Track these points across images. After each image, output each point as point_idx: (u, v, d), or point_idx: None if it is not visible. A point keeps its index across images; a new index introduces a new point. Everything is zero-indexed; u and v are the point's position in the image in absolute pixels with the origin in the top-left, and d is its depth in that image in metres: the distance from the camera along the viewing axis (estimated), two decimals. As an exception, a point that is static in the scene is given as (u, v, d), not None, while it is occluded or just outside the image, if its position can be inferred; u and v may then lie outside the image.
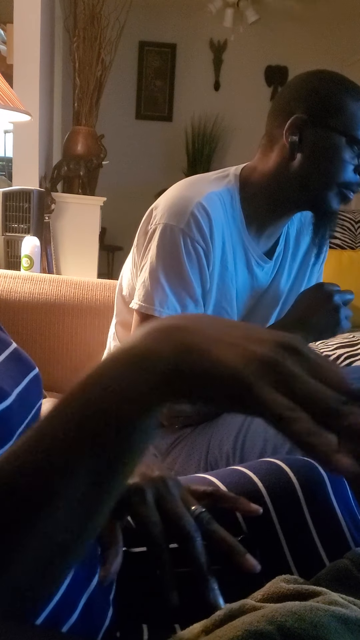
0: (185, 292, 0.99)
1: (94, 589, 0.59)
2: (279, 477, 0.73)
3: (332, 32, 4.70)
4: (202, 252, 0.98)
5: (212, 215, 0.99)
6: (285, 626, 0.45)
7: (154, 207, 1.04)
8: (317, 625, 0.45)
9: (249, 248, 1.06)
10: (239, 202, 1.05)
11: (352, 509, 0.71)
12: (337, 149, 0.98)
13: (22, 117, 1.83)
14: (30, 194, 2.51)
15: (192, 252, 0.97)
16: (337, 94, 0.99)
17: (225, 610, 0.52)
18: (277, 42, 4.75)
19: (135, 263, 1.09)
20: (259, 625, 0.45)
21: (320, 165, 0.99)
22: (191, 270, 0.98)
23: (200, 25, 4.72)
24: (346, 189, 1.01)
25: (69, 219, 3.14)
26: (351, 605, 0.51)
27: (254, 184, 1.05)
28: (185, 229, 0.97)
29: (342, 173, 0.99)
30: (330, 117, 0.97)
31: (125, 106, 4.90)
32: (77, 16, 3.23)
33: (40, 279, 1.55)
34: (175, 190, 1.04)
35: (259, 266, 1.09)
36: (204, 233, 0.97)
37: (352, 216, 2.73)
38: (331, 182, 0.99)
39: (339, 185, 1.00)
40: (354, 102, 0.98)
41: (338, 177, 0.99)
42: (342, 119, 0.97)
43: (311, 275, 1.20)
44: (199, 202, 0.98)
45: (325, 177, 0.99)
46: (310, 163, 0.99)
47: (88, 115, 3.29)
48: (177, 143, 4.85)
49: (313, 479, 0.71)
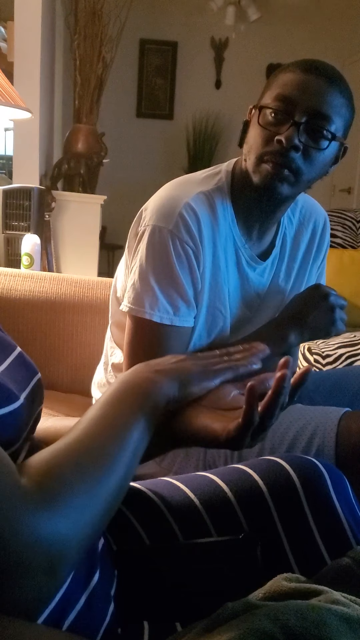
0: (177, 293, 0.98)
1: (94, 586, 0.59)
2: (280, 475, 0.73)
3: (333, 30, 4.70)
4: (192, 252, 0.97)
5: (200, 215, 0.98)
6: (287, 625, 0.45)
7: (144, 208, 1.03)
8: (320, 624, 0.45)
9: (239, 247, 1.05)
10: (229, 199, 1.04)
11: (353, 506, 0.71)
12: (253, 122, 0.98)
13: (23, 114, 1.83)
14: (31, 192, 2.51)
15: (181, 253, 0.97)
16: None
17: (226, 609, 0.51)
18: (278, 41, 4.75)
19: (127, 264, 1.09)
20: (261, 624, 0.45)
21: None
22: (181, 272, 0.97)
23: (201, 23, 4.71)
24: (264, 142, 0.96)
25: (69, 217, 3.14)
26: (353, 604, 0.51)
27: (243, 175, 1.03)
28: (174, 230, 0.96)
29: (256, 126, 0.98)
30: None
31: (126, 104, 4.89)
32: (78, 14, 3.23)
33: (40, 277, 1.55)
34: (163, 191, 1.03)
35: (250, 267, 1.08)
36: (192, 234, 0.97)
37: (353, 215, 2.72)
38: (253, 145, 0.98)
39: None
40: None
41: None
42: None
43: (311, 274, 1.19)
44: (186, 202, 0.97)
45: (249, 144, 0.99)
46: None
47: (89, 113, 3.29)
48: (178, 141, 4.84)
49: (314, 476, 0.71)
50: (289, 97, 0.92)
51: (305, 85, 0.92)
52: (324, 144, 0.94)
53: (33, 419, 0.60)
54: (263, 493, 0.70)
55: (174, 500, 0.72)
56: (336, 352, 1.98)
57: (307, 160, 0.94)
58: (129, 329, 1.02)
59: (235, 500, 0.71)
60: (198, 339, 1.06)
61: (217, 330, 1.07)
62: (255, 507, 0.70)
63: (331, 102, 0.92)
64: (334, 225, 2.64)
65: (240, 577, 0.64)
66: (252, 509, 0.70)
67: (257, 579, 0.63)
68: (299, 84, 0.92)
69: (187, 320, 1.01)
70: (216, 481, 0.73)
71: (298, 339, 1.06)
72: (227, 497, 0.71)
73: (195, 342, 1.05)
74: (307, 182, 0.99)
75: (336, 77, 0.95)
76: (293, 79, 0.93)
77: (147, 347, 1.00)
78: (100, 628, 0.58)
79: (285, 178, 0.95)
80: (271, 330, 1.07)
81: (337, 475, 0.73)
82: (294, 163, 0.93)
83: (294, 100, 0.92)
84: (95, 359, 1.27)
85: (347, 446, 0.98)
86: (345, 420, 1.01)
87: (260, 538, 0.67)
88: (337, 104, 0.93)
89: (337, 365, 1.94)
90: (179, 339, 1.01)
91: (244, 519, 0.70)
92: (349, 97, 0.96)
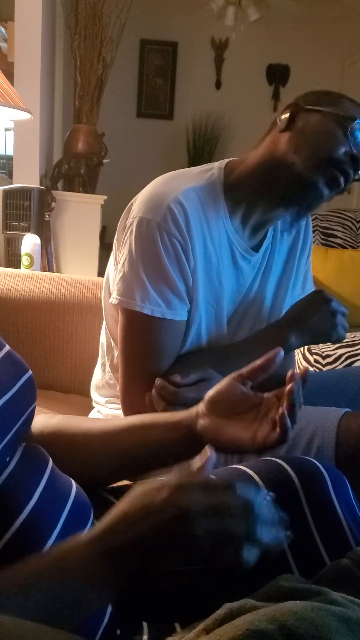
0: (167, 286, 0.98)
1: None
2: (280, 475, 0.73)
3: (333, 31, 4.69)
4: (180, 246, 0.97)
5: (189, 210, 0.98)
6: (286, 625, 0.45)
7: (133, 201, 1.04)
8: (319, 625, 0.45)
9: (232, 241, 1.06)
10: (222, 194, 1.04)
11: (353, 507, 0.71)
12: (328, 126, 0.98)
13: (23, 115, 1.83)
14: (31, 192, 2.50)
15: (169, 246, 0.97)
16: (334, 93, 1.02)
17: (225, 610, 0.51)
18: (278, 41, 4.74)
19: (115, 257, 1.09)
20: (260, 624, 0.45)
21: (309, 139, 0.98)
22: (170, 265, 0.97)
23: (201, 24, 4.70)
24: (335, 169, 0.97)
25: (69, 217, 3.13)
26: (352, 605, 0.51)
27: (240, 173, 1.04)
28: (162, 222, 0.97)
29: (332, 149, 0.96)
30: (325, 105, 0.99)
31: (126, 104, 4.89)
32: (79, 14, 3.23)
33: (40, 277, 1.55)
34: (153, 185, 1.04)
35: (245, 259, 1.08)
36: (180, 227, 0.97)
37: (353, 215, 2.72)
38: (319, 156, 0.97)
39: (328, 163, 0.97)
40: (349, 101, 1.01)
41: (327, 152, 0.97)
42: (337, 108, 0.99)
43: (298, 270, 1.20)
44: (175, 197, 0.98)
45: (314, 151, 0.97)
46: (300, 137, 0.98)
47: (89, 113, 3.29)
48: (178, 141, 4.84)
49: (314, 477, 0.71)
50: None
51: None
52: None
53: (22, 420, 0.60)
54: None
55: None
56: (336, 352, 1.98)
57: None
58: (122, 324, 1.02)
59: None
60: (196, 336, 1.06)
61: (215, 326, 1.07)
62: None
63: None
64: (334, 226, 2.64)
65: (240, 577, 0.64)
66: None
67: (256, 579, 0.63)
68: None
69: (179, 314, 1.00)
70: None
71: (298, 341, 1.06)
72: (227, 497, 0.71)
73: (193, 340, 1.05)
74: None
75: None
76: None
77: (140, 341, 1.00)
78: (99, 630, 0.58)
79: (336, 189, 0.99)
80: (272, 332, 1.07)
81: (338, 476, 0.73)
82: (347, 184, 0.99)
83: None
84: (95, 359, 1.27)
85: (347, 447, 0.97)
86: (345, 421, 1.01)
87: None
88: None
89: (337, 366, 1.94)
90: (173, 333, 1.01)
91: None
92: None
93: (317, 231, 2.60)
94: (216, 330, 1.08)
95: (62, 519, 0.59)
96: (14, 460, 0.57)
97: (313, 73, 4.56)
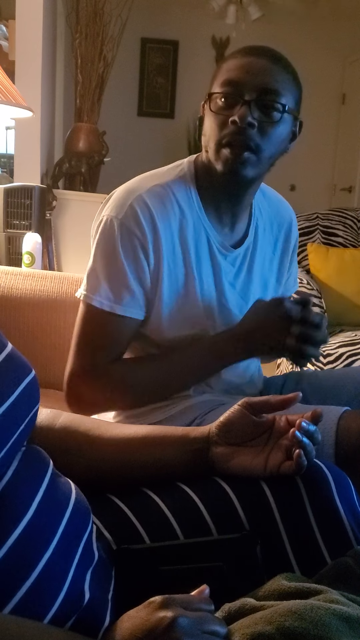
0: (120, 282, 0.99)
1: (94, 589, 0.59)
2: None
3: (334, 30, 4.69)
4: (139, 244, 0.99)
5: (155, 208, 0.99)
6: (284, 625, 0.45)
7: (106, 199, 1.06)
8: (318, 624, 0.45)
9: (209, 234, 1.06)
10: (194, 189, 1.05)
11: (354, 507, 0.71)
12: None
13: (24, 113, 1.83)
14: (32, 191, 2.50)
15: (127, 244, 0.99)
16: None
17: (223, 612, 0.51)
18: (279, 40, 4.71)
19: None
20: (257, 627, 0.45)
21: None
22: (126, 262, 0.99)
23: (202, 22, 4.70)
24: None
25: (70, 215, 3.14)
26: (352, 604, 0.51)
27: (203, 163, 1.04)
28: (123, 219, 0.99)
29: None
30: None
31: (127, 103, 4.89)
32: (80, 12, 3.23)
33: (41, 276, 1.55)
34: (125, 184, 1.06)
35: (222, 254, 1.08)
36: (141, 226, 0.98)
37: (354, 214, 2.72)
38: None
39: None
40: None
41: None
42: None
43: (281, 271, 1.20)
44: (139, 195, 1.00)
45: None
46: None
47: (90, 111, 3.29)
48: (179, 140, 4.83)
49: (316, 476, 0.71)
50: (235, 80, 0.96)
51: (250, 66, 0.97)
52: (277, 117, 0.97)
53: (22, 427, 0.58)
54: (264, 492, 0.71)
55: (175, 499, 0.72)
56: (337, 352, 1.98)
57: (264, 136, 0.97)
58: (78, 315, 1.05)
59: (236, 499, 0.71)
60: (177, 329, 1.05)
61: (195, 320, 1.06)
62: (257, 505, 0.70)
63: (277, 77, 0.97)
64: (336, 225, 2.64)
65: (240, 575, 0.64)
66: (253, 508, 0.70)
67: (256, 577, 0.63)
68: (243, 66, 0.97)
69: (131, 311, 1.01)
70: (217, 480, 0.73)
71: (241, 353, 1.04)
72: (229, 496, 0.71)
73: (175, 334, 1.05)
74: (269, 159, 1.01)
75: (278, 56, 1.01)
76: (237, 63, 0.98)
77: (89, 332, 1.03)
78: (100, 630, 0.58)
79: (247, 160, 0.97)
80: (216, 344, 1.05)
81: (340, 475, 0.73)
82: (252, 141, 0.96)
83: (241, 81, 0.96)
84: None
85: (346, 445, 0.97)
86: (344, 420, 1.01)
87: (261, 537, 0.67)
88: (283, 79, 0.98)
89: (337, 365, 1.93)
90: (121, 330, 1.02)
91: (245, 517, 0.70)
92: (294, 73, 1.01)
93: (318, 230, 2.60)
94: (199, 325, 1.06)
95: (61, 527, 0.58)
96: (12, 468, 0.56)
97: (314, 72, 4.55)
